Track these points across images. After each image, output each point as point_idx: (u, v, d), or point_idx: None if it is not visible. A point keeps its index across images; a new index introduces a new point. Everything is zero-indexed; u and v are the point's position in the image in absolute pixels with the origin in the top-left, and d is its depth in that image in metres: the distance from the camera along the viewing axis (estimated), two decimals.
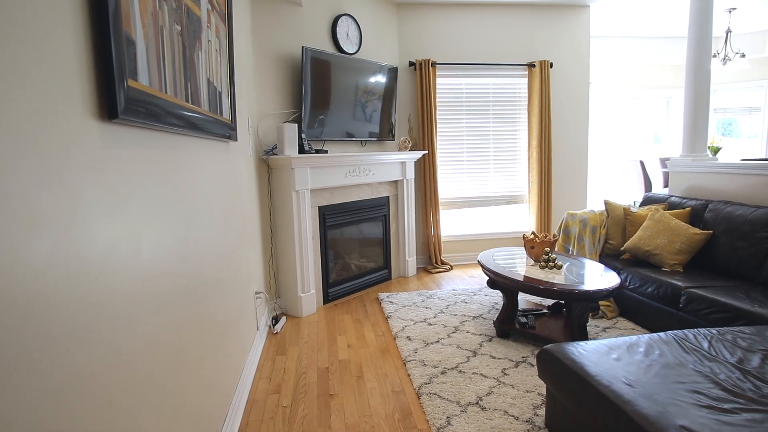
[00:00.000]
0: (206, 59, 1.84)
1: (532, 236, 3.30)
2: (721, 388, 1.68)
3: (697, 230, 3.39)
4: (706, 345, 2.04)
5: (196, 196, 1.76)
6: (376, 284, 4.63)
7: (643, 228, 3.62)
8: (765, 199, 3.40)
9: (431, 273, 5.05)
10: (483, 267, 3.26)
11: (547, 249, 3.14)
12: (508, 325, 3.14)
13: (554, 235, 3.25)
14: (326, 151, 3.99)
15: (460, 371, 2.70)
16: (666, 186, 6.94)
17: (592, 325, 3.31)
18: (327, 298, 4.08)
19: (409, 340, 3.18)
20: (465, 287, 4.46)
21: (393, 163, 4.64)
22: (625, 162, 7.42)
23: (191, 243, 1.67)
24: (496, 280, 3.13)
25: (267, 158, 3.65)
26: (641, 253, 3.55)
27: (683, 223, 3.47)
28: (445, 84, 5.18)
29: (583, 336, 2.75)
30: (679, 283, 3.01)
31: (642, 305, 3.28)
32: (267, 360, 2.99)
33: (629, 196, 7.00)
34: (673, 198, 3.96)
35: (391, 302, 4.00)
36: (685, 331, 2.18)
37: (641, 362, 1.87)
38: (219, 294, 2.07)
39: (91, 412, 0.92)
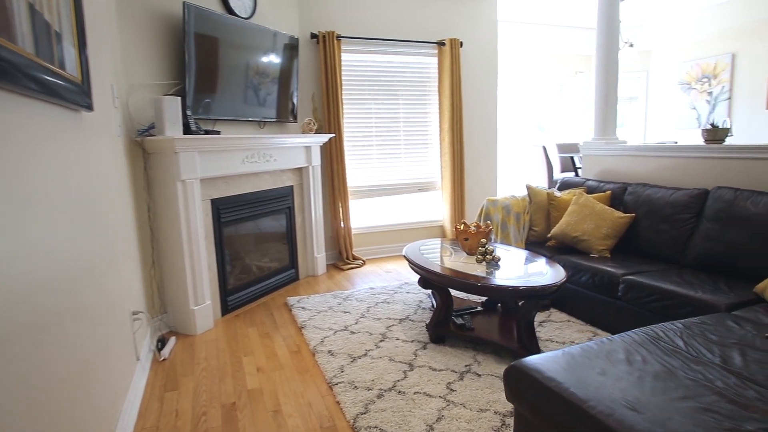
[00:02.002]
0: None
1: (465, 226, 2.97)
2: (728, 400, 1.44)
3: (622, 214, 3.32)
4: (681, 343, 1.83)
5: (16, 190, 1.09)
6: (283, 287, 4.04)
7: (568, 213, 3.48)
8: (678, 181, 3.43)
9: (343, 270, 4.57)
10: (413, 264, 2.86)
11: (483, 240, 2.83)
12: (444, 328, 2.78)
13: (488, 225, 2.95)
14: (218, 132, 3.30)
15: (400, 392, 2.26)
16: (563, 171, 7.17)
17: None
18: (226, 309, 3.41)
19: (332, 355, 2.68)
20: (383, 284, 4.05)
21: (297, 148, 4.06)
22: (527, 147, 7.56)
23: (13, 258, 1.01)
24: (429, 279, 2.75)
25: (142, 140, 2.87)
26: (569, 240, 3.40)
27: (608, 208, 3.38)
28: (351, 60, 4.68)
29: (532, 336, 2.47)
30: (616, 271, 2.87)
31: (576, 295, 3.12)
32: (152, 400, 2.30)
33: (534, 182, 7.11)
34: (591, 182, 3.91)
35: (303, 308, 3.45)
36: (653, 327, 1.97)
37: (629, 374, 1.58)
38: (71, 326, 1.39)
39: None
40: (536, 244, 3.68)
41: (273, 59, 3.84)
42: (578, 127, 8.14)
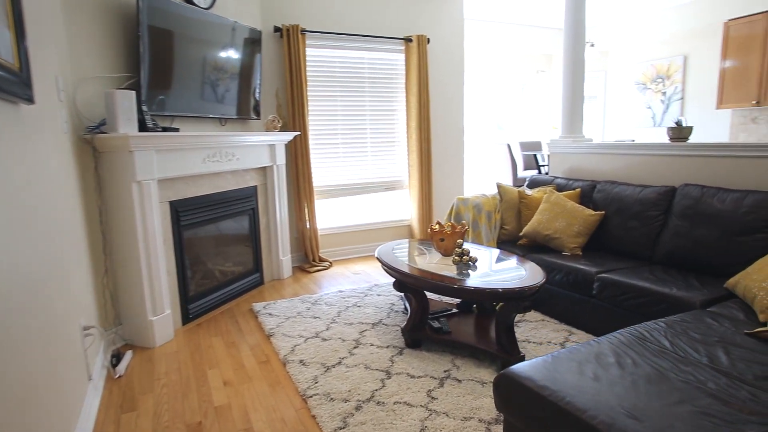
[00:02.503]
0: None
1: (440, 227, 2.89)
2: (723, 402, 1.41)
3: (592, 212, 3.33)
4: (667, 343, 1.81)
5: None
6: (248, 292, 3.85)
7: (540, 211, 3.47)
8: (645, 178, 3.47)
9: (309, 272, 4.41)
10: (387, 267, 2.75)
11: (460, 241, 2.75)
12: (420, 332, 2.69)
13: (463, 225, 2.88)
14: (177, 130, 3.08)
15: (379, 402, 2.15)
16: (526, 169, 7.25)
17: None
18: (187, 318, 3.20)
19: (304, 365, 2.54)
20: (352, 287, 3.92)
21: (260, 146, 3.87)
22: (492, 146, 7.60)
23: None
24: (405, 282, 2.65)
25: (92, 137, 2.63)
26: (541, 238, 3.39)
27: (579, 205, 3.38)
28: (316, 56, 4.52)
29: (512, 339, 2.41)
30: (590, 269, 2.86)
31: (551, 294, 3.10)
32: (107, 423, 2.09)
33: (499, 180, 7.15)
34: (559, 179, 3.92)
35: (270, 314, 3.28)
36: (637, 328, 1.94)
37: (622, 378, 1.53)
38: (9, 348, 1.21)
39: None
40: (508, 243, 3.65)
41: (233, 53, 3.64)
42: (540, 125, 8.28)
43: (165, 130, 2.95)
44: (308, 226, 4.51)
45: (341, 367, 2.49)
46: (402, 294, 3.51)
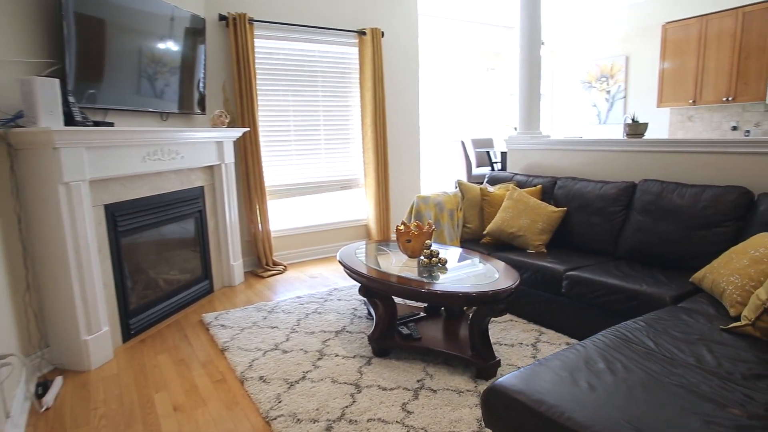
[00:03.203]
0: None
1: (405, 227, 2.74)
2: (720, 405, 1.34)
3: (555, 208, 3.30)
4: (651, 344, 1.75)
5: None
6: (197, 301, 3.55)
7: (503, 209, 3.41)
8: (603, 174, 3.49)
9: (263, 278, 4.15)
10: (351, 272, 2.58)
11: (428, 242, 2.62)
12: (388, 340, 2.53)
13: (430, 225, 2.75)
14: (112, 124, 2.75)
15: (351, 421, 1.98)
16: (479, 166, 7.28)
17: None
18: (128, 334, 2.87)
19: (265, 382, 2.32)
20: (310, 292, 3.71)
21: (207, 143, 3.58)
22: (446, 143, 7.56)
23: None
24: (373, 288, 2.48)
25: (6, 132, 2.28)
26: (505, 236, 3.32)
27: (541, 202, 3.35)
28: (265, 47, 4.25)
29: (487, 344, 2.30)
30: (558, 267, 2.81)
31: (518, 293, 3.03)
32: None
33: (454, 177, 7.12)
34: (519, 176, 3.88)
35: (223, 326, 3.01)
36: (618, 328, 1.88)
37: (618, 386, 1.45)
38: None
39: None
40: (471, 242, 3.57)
41: (172, 45, 3.32)
42: (492, 122, 8.35)
43: (97, 124, 2.62)
44: (260, 228, 4.24)
45: (306, 382, 2.29)
46: (365, 299, 3.34)
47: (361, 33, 4.62)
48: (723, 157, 2.84)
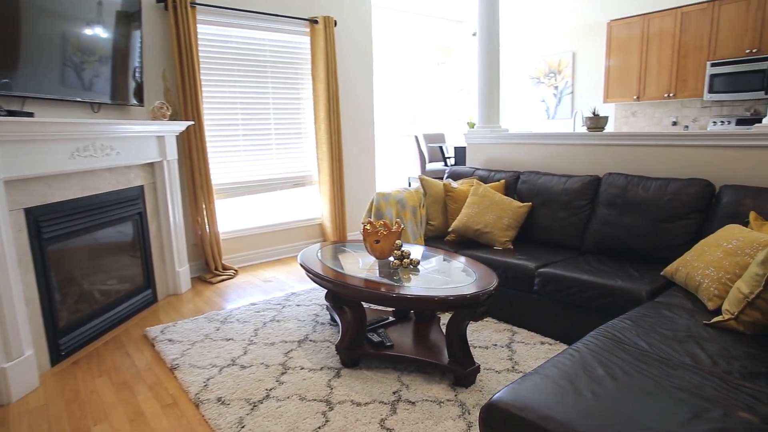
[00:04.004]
0: None
1: (372, 227, 2.56)
2: (728, 408, 1.27)
3: (520, 203, 3.23)
4: (644, 344, 1.67)
5: None
6: (138, 313, 3.20)
7: (468, 205, 3.30)
8: (565, 168, 3.47)
9: (212, 283, 3.84)
10: (316, 277, 2.37)
11: (399, 242, 2.46)
12: (358, 349, 2.35)
13: (398, 223, 2.59)
14: (31, 114, 2.38)
15: None
16: (431, 161, 7.21)
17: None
18: (58, 356, 2.51)
19: (223, 404, 2.07)
20: (265, 298, 3.45)
21: (146, 137, 3.23)
22: (398, 138, 7.43)
23: None
24: (342, 294, 2.28)
25: None
26: (471, 233, 3.22)
27: (506, 197, 3.27)
28: (210, 34, 3.92)
29: (466, 350, 2.17)
30: (529, 264, 2.74)
31: None
32: None
33: (408, 173, 7.01)
34: (480, 171, 3.80)
35: (170, 340, 2.71)
36: (606, 328, 1.79)
37: (623, 394, 1.34)
38: None
39: None
40: (435, 240, 3.44)
41: (101, 28, 2.95)
42: (443, 117, 8.31)
43: (12, 114, 2.25)
44: (208, 229, 3.92)
45: (271, 401, 2.07)
46: (328, 304, 3.13)
47: (313, 21, 4.37)
48: (684, 150, 2.87)
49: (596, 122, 3.39)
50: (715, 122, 5.45)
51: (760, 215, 2.37)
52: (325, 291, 3.41)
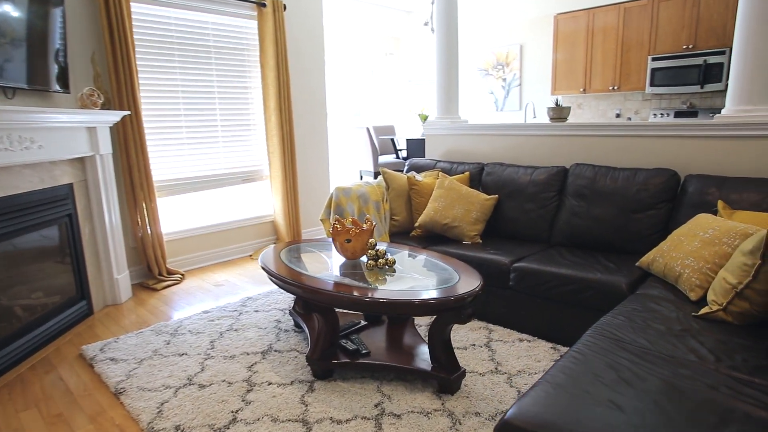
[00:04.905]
0: None
1: (341, 225, 2.36)
2: (757, 409, 1.20)
3: (487, 196, 3.14)
4: (645, 342, 1.60)
5: None
6: (71, 328, 2.82)
7: (435, 198, 3.17)
8: (530, 159, 3.42)
9: (156, 290, 3.48)
10: (283, 282, 2.14)
11: (372, 240, 2.27)
12: (331, 358, 2.15)
13: (368, 219, 2.40)
14: None
15: None
16: (382, 154, 7.05)
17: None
18: None
19: None
20: (218, 304, 3.16)
21: (74, 129, 2.84)
22: (347, 131, 7.20)
23: None
24: (313, 301, 2.07)
25: None
26: (438, 227, 3.09)
27: (473, 190, 3.17)
28: (145, 14, 3.53)
29: (451, 355, 2.03)
30: (503, 259, 2.64)
31: None
32: None
33: (360, 166, 6.80)
34: (442, 163, 3.69)
35: (113, 359, 2.39)
36: (602, 327, 1.71)
37: (643, 401, 1.25)
38: None
39: None
40: (400, 236, 3.29)
41: (11, 6, 2.54)
42: (392, 109, 8.16)
43: None
44: (149, 231, 3.54)
45: (239, 426, 1.83)
46: (290, 308, 2.90)
47: (261, 4, 4.06)
48: (648, 140, 2.88)
49: (559, 113, 3.36)
50: (655, 114, 5.67)
51: (728, 204, 2.40)
52: (291, 295, 3.18)
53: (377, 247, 2.27)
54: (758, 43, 2.48)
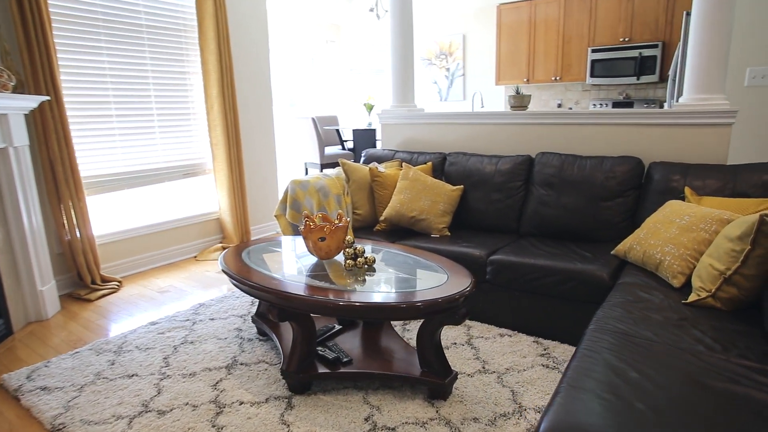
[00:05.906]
0: None
1: (310, 222, 2.15)
2: None
3: (453, 187, 3.04)
4: (651, 335, 1.55)
5: None
6: None
7: (400, 190, 3.02)
8: (492, 148, 3.36)
9: (91, 301, 3.08)
10: (250, 288, 1.90)
11: (350, 238, 2.08)
12: (310, 370, 1.95)
13: (340, 215, 2.21)
14: None
15: None
16: (327, 145, 6.80)
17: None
18: None
19: None
20: (166, 313, 2.84)
21: None
22: (292, 121, 6.87)
23: None
24: (290, 308, 1.85)
25: None
26: (406, 221, 2.95)
27: (439, 181, 3.06)
28: None
29: (442, 358, 1.90)
30: (478, 252, 2.55)
31: None
32: None
33: (305, 158, 6.51)
34: (400, 153, 3.55)
35: (45, 388, 2.03)
36: (603, 321, 1.65)
37: (676, 402, 1.17)
38: None
39: None
40: (363, 230, 3.12)
41: None
42: (335, 98, 7.91)
43: None
44: (78, 234, 3.12)
45: None
46: (252, 315, 2.64)
47: None
48: (611, 128, 2.90)
49: (520, 101, 3.33)
50: (594, 105, 5.86)
51: (694, 191, 2.45)
52: (249, 299, 2.92)
53: (355, 245, 2.09)
54: (713, 37, 2.55)
